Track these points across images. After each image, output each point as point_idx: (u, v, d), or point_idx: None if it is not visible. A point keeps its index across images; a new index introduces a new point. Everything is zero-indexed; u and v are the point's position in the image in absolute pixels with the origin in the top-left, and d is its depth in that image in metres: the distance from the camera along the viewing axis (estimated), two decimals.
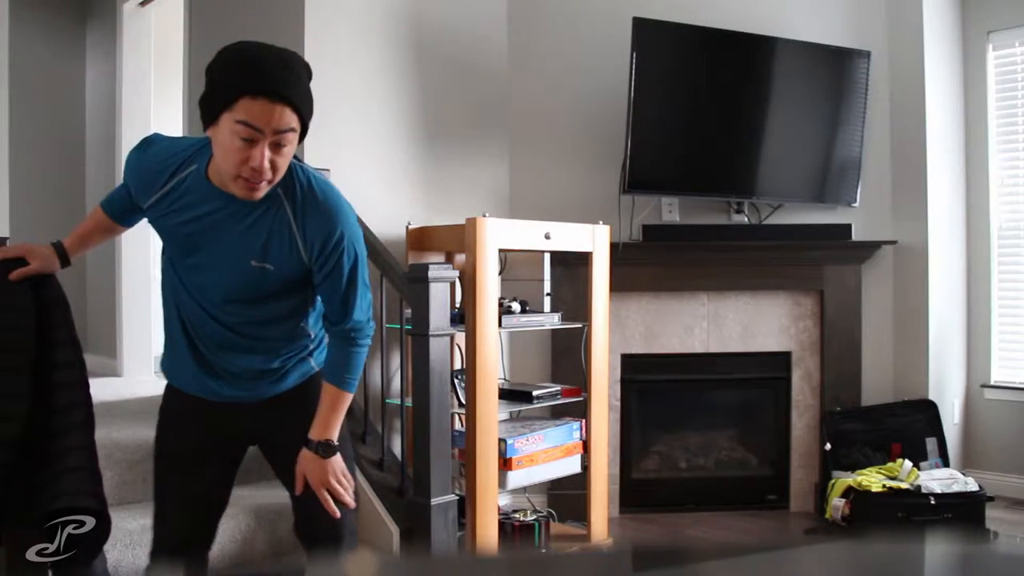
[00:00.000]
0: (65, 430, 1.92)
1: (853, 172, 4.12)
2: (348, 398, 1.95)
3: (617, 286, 3.50)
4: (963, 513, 3.58)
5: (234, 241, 1.81)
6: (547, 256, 3.43)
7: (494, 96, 3.97)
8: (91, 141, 5.13)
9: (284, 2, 3.60)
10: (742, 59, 4.01)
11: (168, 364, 2.04)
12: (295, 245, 1.82)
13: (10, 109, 4.13)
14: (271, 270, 1.83)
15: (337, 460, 1.94)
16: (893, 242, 4.17)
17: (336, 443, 1.94)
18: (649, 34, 3.78)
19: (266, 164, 1.69)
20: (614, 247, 3.59)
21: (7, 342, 1.89)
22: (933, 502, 3.56)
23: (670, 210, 4.08)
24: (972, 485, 3.66)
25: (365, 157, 3.63)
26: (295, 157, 1.85)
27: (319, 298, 1.95)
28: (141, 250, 4.85)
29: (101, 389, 4.20)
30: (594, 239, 3.34)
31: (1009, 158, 4.31)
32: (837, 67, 4.09)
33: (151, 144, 1.91)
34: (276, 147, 1.71)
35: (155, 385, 4.56)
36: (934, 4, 4.18)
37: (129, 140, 4.77)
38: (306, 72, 1.80)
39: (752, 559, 0.93)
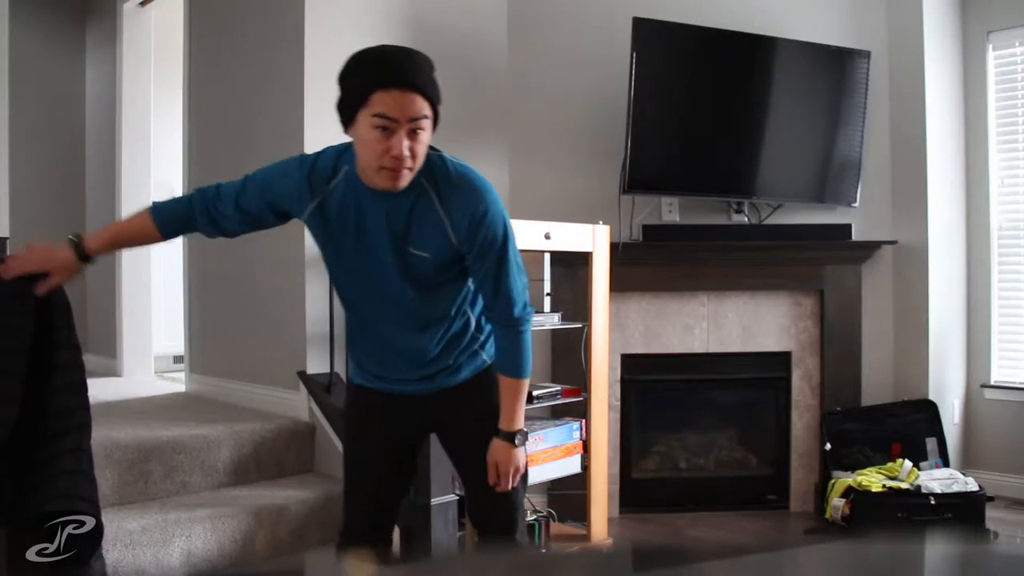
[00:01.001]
0: (61, 432, 1.92)
1: (853, 172, 4.12)
2: (525, 384, 2.04)
3: (617, 286, 3.50)
4: (963, 513, 3.58)
5: (390, 234, 1.90)
6: (547, 256, 3.43)
7: (494, 96, 3.97)
8: (91, 141, 5.13)
9: (284, 2, 3.60)
10: (742, 59, 4.01)
11: (351, 362, 2.16)
12: (444, 229, 1.90)
13: (10, 109, 4.13)
14: (427, 257, 1.91)
15: (522, 453, 2.05)
16: (893, 242, 4.17)
17: (524, 432, 2.05)
18: (649, 34, 3.78)
19: (405, 151, 1.78)
20: (614, 247, 3.58)
21: (6, 345, 1.88)
22: (933, 502, 3.56)
23: (670, 210, 4.08)
24: (972, 485, 3.66)
25: None
26: (433, 147, 1.92)
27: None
28: (141, 250, 4.85)
29: (101, 389, 4.21)
30: (594, 239, 3.34)
31: (1009, 158, 4.31)
32: (837, 67, 4.09)
33: (302, 161, 1.99)
34: (412, 134, 1.79)
35: (155, 385, 4.58)
36: (934, 4, 4.18)
37: (129, 140, 4.78)
38: (428, 64, 1.86)
39: (752, 559, 0.93)
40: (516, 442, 2.02)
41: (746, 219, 4.11)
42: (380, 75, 1.78)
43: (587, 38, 4.04)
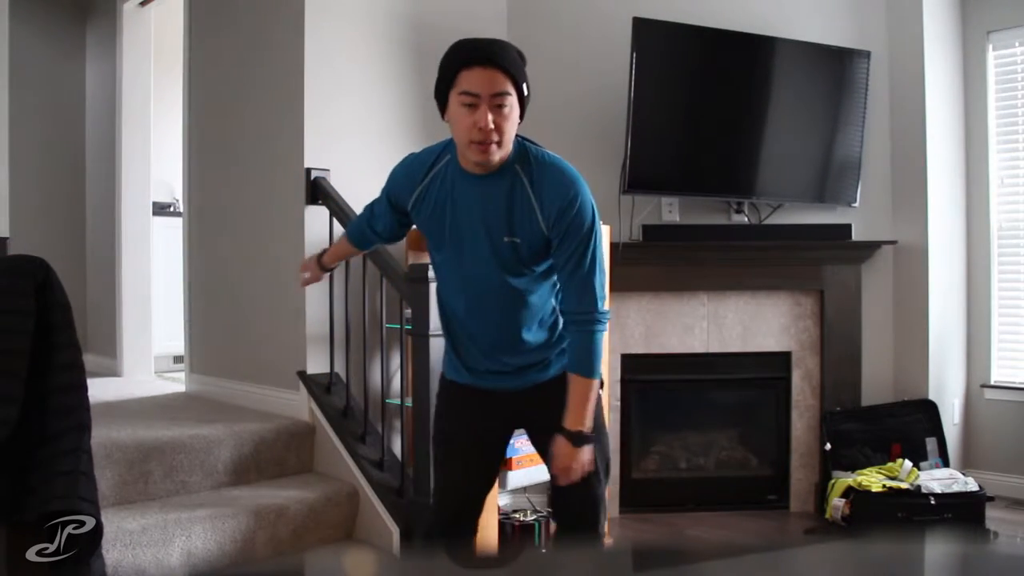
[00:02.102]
0: (60, 433, 1.92)
1: (853, 172, 4.12)
2: (595, 386, 2.04)
3: (617, 286, 3.50)
4: (963, 513, 3.58)
5: (483, 220, 1.99)
6: None
7: None
8: (91, 141, 5.13)
9: (284, 2, 3.60)
10: (742, 59, 4.01)
11: (445, 357, 2.22)
12: (535, 215, 1.96)
13: (10, 109, 4.13)
14: (519, 243, 1.98)
15: (586, 451, 2.03)
16: (893, 242, 4.17)
17: (588, 433, 2.03)
18: (649, 34, 3.78)
19: (490, 124, 1.89)
20: (614, 247, 3.58)
21: (7, 345, 1.88)
22: (933, 502, 3.56)
23: (670, 210, 4.08)
24: (972, 485, 3.66)
25: (365, 157, 3.63)
26: (527, 139, 2.03)
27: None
28: (141, 250, 4.85)
29: (101, 389, 4.21)
30: None
31: (1009, 158, 4.31)
32: (837, 67, 4.09)
33: (409, 155, 2.15)
34: (497, 109, 1.90)
35: (155, 385, 4.57)
36: (934, 4, 4.18)
37: (129, 140, 4.78)
38: (515, 51, 1.97)
39: (752, 559, 0.93)
40: (575, 443, 2.01)
41: (746, 219, 4.11)
42: (464, 55, 1.91)
43: (587, 38, 4.04)
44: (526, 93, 1.96)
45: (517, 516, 3.29)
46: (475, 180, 1.98)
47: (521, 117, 1.97)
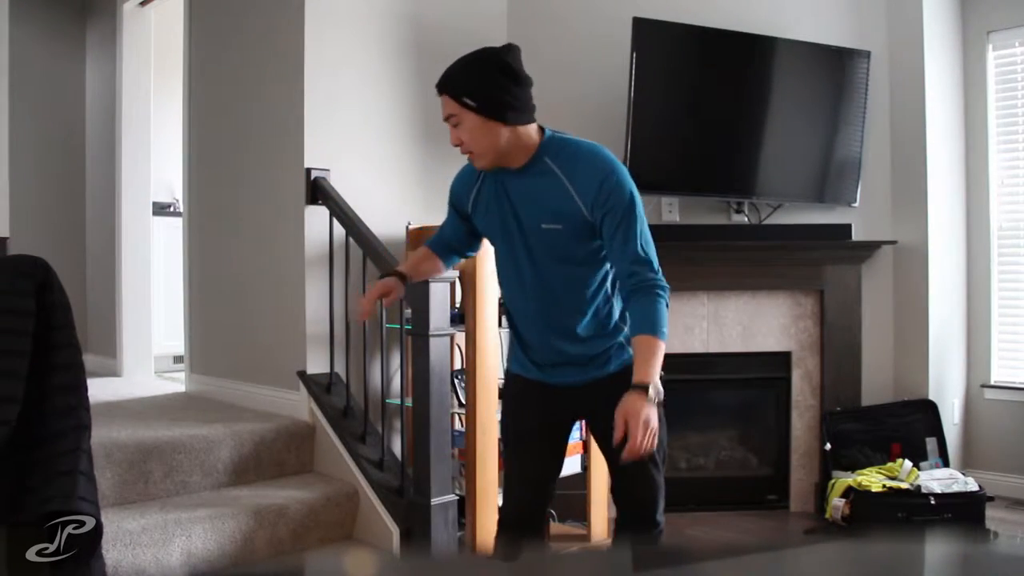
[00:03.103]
0: (60, 433, 1.92)
1: (853, 172, 4.12)
2: (662, 346, 2.02)
3: None
4: (963, 513, 3.58)
5: (528, 210, 2.10)
6: None
7: None
8: (91, 141, 5.13)
9: (284, 2, 3.60)
10: (742, 59, 4.01)
11: (511, 353, 2.30)
12: (572, 199, 2.06)
13: (10, 109, 4.13)
14: (560, 230, 2.07)
15: (653, 409, 1.99)
16: (893, 242, 4.17)
17: (656, 386, 2.00)
18: (649, 34, 3.78)
19: (455, 141, 2.11)
20: None
21: (7, 345, 1.88)
22: (933, 502, 3.56)
23: (670, 210, 4.08)
24: (972, 485, 3.66)
25: (365, 157, 3.63)
26: (555, 131, 2.17)
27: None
28: (141, 250, 4.85)
29: (101, 389, 4.21)
30: None
31: (1009, 158, 4.30)
32: (837, 67, 4.09)
33: (465, 166, 2.26)
34: (455, 128, 2.09)
35: (155, 385, 4.57)
36: (934, 4, 4.18)
37: (129, 140, 4.78)
38: (471, 65, 2.10)
39: (752, 559, 0.93)
40: (649, 394, 1.97)
41: (746, 219, 4.11)
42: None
43: (587, 38, 4.04)
44: (473, 104, 2.06)
45: None
46: (515, 175, 2.12)
47: (493, 117, 2.06)
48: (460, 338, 3.19)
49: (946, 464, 4.01)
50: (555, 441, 2.27)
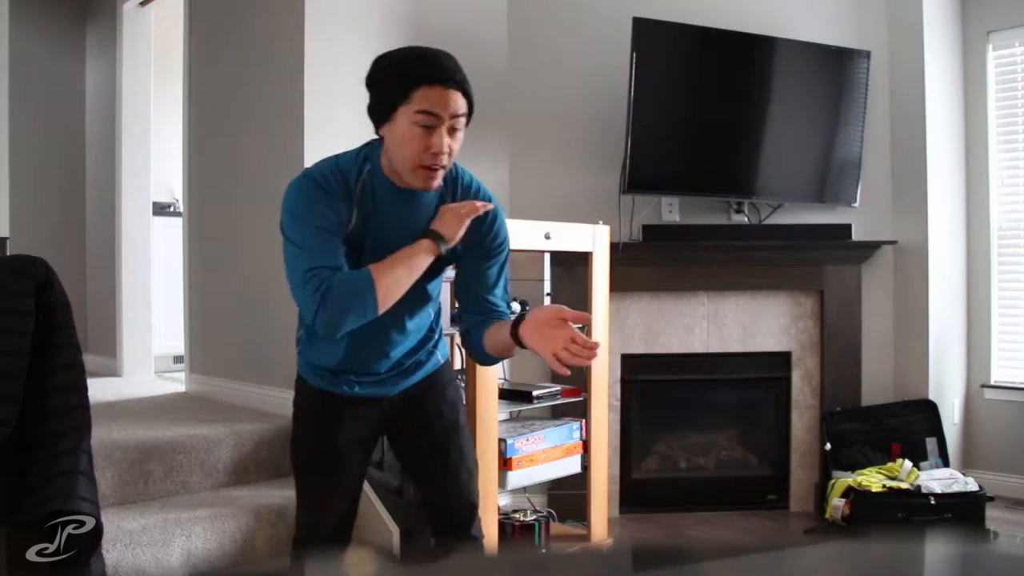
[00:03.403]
0: (60, 433, 1.92)
1: (853, 172, 4.12)
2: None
3: (617, 286, 3.49)
4: (963, 513, 3.58)
5: (404, 234, 1.88)
6: (547, 256, 3.43)
7: (494, 96, 3.96)
8: (91, 141, 5.13)
9: (284, 2, 3.60)
10: (742, 59, 4.01)
11: (308, 366, 2.05)
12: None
13: (10, 109, 4.13)
14: (438, 260, 1.92)
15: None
16: (893, 242, 4.17)
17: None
18: (649, 34, 3.78)
19: (445, 147, 1.81)
20: (614, 247, 3.58)
21: (7, 345, 1.88)
22: (933, 502, 3.56)
23: (670, 210, 4.08)
24: (972, 485, 3.66)
25: None
26: None
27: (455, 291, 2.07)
28: (141, 250, 4.85)
29: (101, 389, 4.20)
30: (594, 239, 3.33)
31: (1009, 158, 4.30)
32: (837, 67, 4.09)
33: (318, 176, 1.87)
34: (452, 131, 1.82)
35: (155, 385, 4.57)
36: (934, 4, 4.18)
37: (129, 140, 4.78)
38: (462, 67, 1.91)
39: (752, 559, 0.93)
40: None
41: (746, 219, 4.11)
42: (424, 71, 1.79)
43: (587, 38, 4.04)
44: (472, 112, 1.88)
45: (517, 516, 3.29)
46: (402, 195, 1.88)
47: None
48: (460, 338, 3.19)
49: (946, 464, 4.01)
50: (363, 456, 2.09)
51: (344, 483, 2.05)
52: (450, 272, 2.13)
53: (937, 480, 3.68)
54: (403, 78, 1.80)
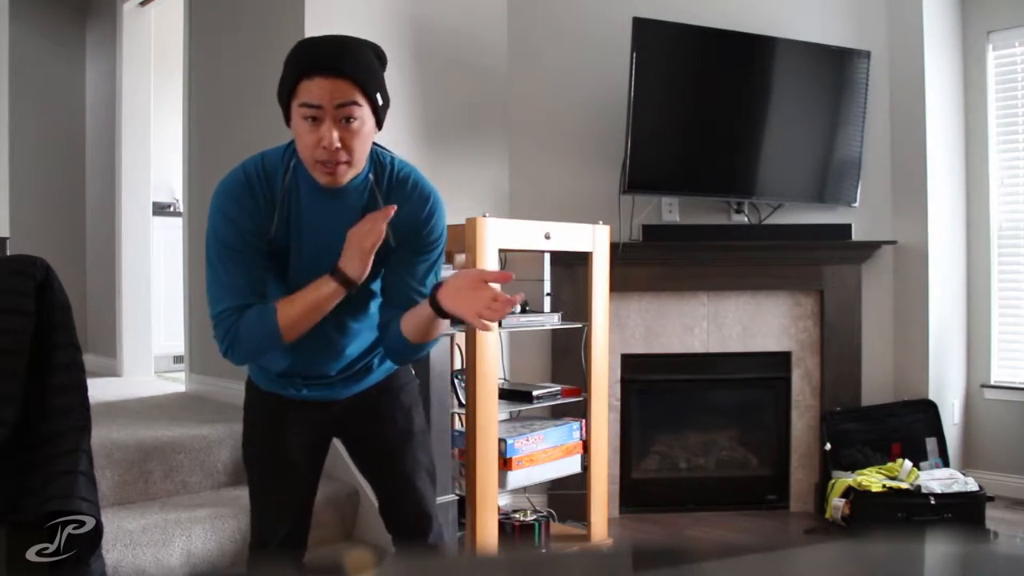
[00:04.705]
0: (60, 433, 1.92)
1: (853, 172, 4.12)
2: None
3: (617, 286, 3.49)
4: (963, 513, 3.58)
5: (334, 234, 1.81)
6: (547, 256, 3.43)
7: (494, 96, 3.97)
8: (91, 141, 5.13)
9: (284, 2, 3.60)
10: (742, 59, 4.01)
11: (256, 368, 2.04)
12: (386, 231, 1.80)
13: (10, 109, 4.13)
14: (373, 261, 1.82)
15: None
16: (893, 242, 4.17)
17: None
18: (649, 34, 3.78)
19: (335, 142, 1.70)
20: (614, 247, 3.58)
21: (4, 345, 1.88)
22: (933, 502, 3.56)
23: (670, 210, 4.08)
24: (972, 485, 3.66)
25: None
26: (382, 148, 1.88)
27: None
28: (141, 250, 4.85)
29: (101, 389, 4.21)
30: (594, 239, 3.33)
31: (1009, 158, 4.31)
32: (837, 67, 4.09)
33: (240, 178, 1.84)
34: (344, 124, 1.71)
35: (155, 385, 4.57)
36: (934, 4, 4.18)
37: (129, 140, 4.78)
38: (374, 52, 1.79)
39: (752, 559, 0.93)
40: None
41: (746, 219, 4.11)
42: (304, 63, 1.71)
43: (587, 38, 4.04)
44: (381, 102, 1.76)
45: (517, 516, 3.29)
46: (327, 194, 1.79)
47: (379, 126, 1.79)
48: (460, 338, 3.19)
49: (946, 464, 4.01)
50: (315, 460, 2.04)
51: (291, 486, 2.02)
52: (448, 271, 2.11)
53: (937, 480, 3.68)
54: (289, 72, 1.74)
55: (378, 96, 1.75)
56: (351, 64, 1.70)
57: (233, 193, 1.82)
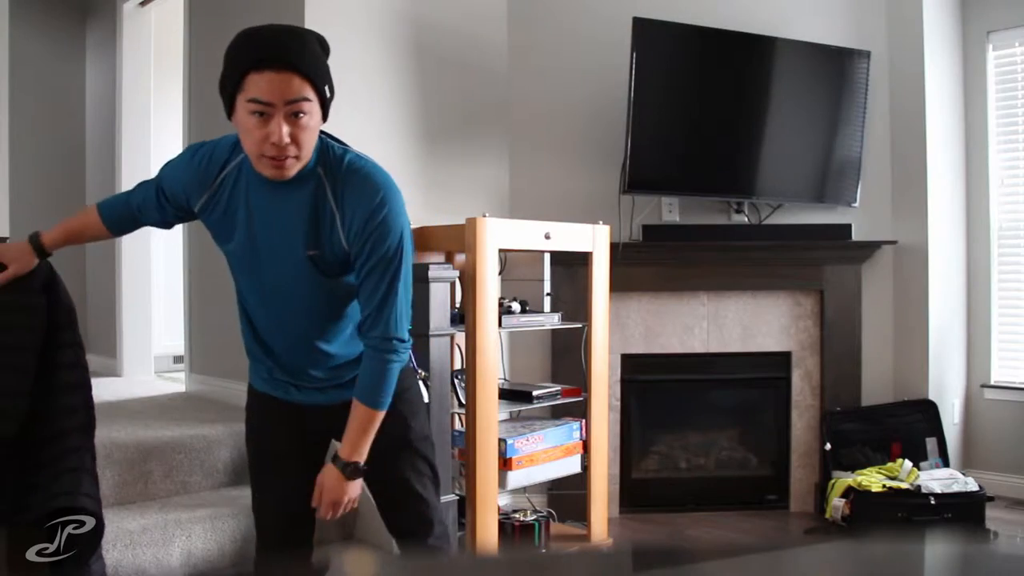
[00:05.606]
0: (65, 431, 1.93)
1: (853, 172, 4.12)
2: (379, 417, 1.87)
3: (617, 286, 3.49)
4: (963, 513, 3.58)
5: (285, 228, 1.79)
6: (547, 256, 3.43)
7: (494, 96, 3.97)
8: (91, 141, 5.13)
9: (284, 2, 3.60)
10: (742, 59, 4.01)
11: (250, 368, 2.06)
12: (336, 225, 1.77)
13: (10, 109, 4.13)
14: (321, 256, 1.80)
15: (355, 485, 1.92)
16: (893, 242, 4.17)
17: (363, 466, 1.90)
18: (649, 34, 3.78)
19: (285, 137, 1.67)
20: (614, 247, 3.58)
21: (18, 341, 1.89)
22: (933, 502, 3.56)
23: (670, 210, 4.08)
24: (972, 485, 3.66)
25: None
26: (333, 137, 1.84)
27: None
28: (141, 250, 4.85)
29: (101, 389, 4.18)
30: (594, 239, 3.33)
31: (1009, 158, 4.31)
32: (837, 67, 4.09)
33: (198, 149, 1.92)
34: (293, 119, 1.67)
35: (155, 385, 4.57)
36: (934, 4, 4.18)
37: (129, 140, 4.78)
38: (318, 42, 1.75)
39: (752, 559, 0.93)
40: (347, 474, 1.88)
41: (746, 219, 4.11)
42: (252, 56, 1.67)
43: (587, 38, 4.04)
44: (329, 95, 1.72)
45: (517, 516, 3.29)
46: (273, 187, 1.76)
47: (324, 118, 1.75)
48: (460, 338, 3.19)
49: (946, 464, 4.01)
50: (310, 464, 2.01)
51: (283, 486, 2.01)
52: (448, 271, 2.09)
53: (937, 480, 3.68)
54: (235, 64, 1.71)
55: (326, 89, 1.73)
56: (301, 58, 1.67)
57: (188, 154, 1.95)
